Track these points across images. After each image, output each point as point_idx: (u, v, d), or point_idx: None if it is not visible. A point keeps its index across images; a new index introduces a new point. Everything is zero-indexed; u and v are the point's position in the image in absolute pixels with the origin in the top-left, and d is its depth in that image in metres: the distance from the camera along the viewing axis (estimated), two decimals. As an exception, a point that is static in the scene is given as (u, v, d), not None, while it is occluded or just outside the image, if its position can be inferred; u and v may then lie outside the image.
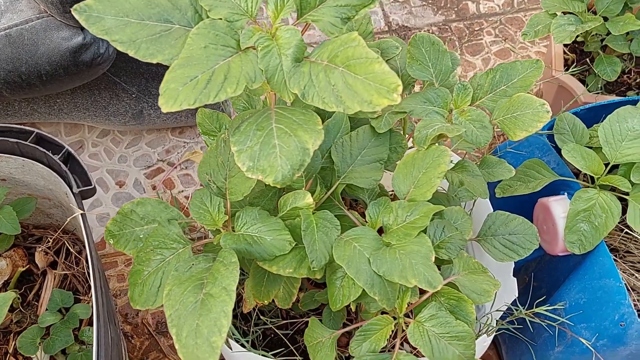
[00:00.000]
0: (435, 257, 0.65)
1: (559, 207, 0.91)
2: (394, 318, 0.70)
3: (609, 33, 1.10)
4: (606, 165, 0.91)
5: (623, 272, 0.96)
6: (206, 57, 0.54)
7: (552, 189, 0.96)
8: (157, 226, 0.68)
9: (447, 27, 1.70)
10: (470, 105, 0.74)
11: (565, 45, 1.32)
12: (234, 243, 0.65)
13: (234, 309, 1.01)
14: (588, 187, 0.90)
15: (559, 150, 0.95)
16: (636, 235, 0.95)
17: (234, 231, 0.68)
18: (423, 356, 0.67)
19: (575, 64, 1.29)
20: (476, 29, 1.71)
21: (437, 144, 0.68)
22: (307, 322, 0.94)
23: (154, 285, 0.66)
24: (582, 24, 1.07)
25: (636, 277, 0.96)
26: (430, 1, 1.75)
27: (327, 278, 0.67)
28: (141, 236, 0.70)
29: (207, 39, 0.55)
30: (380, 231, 0.70)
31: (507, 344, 1.15)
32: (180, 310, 0.60)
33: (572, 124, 0.95)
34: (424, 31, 1.69)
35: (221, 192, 0.67)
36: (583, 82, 1.26)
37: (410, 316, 0.72)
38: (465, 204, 1.01)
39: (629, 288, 0.97)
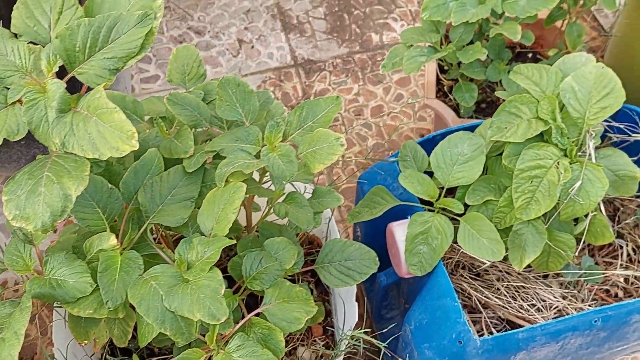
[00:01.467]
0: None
1: (400, 230, 0.94)
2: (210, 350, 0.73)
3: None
4: (442, 189, 0.95)
5: (475, 290, 1.00)
6: (-29, 114, 0.57)
7: (405, 214, 1.00)
8: (-29, 274, 0.70)
9: (350, 58, 1.76)
10: (282, 141, 0.78)
11: (442, 73, 1.37)
12: (39, 287, 0.68)
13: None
14: (426, 210, 0.94)
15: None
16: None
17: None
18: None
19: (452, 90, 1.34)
20: (379, 59, 1.77)
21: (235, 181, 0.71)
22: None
23: (-36, 331, 0.68)
24: (434, 54, 1.12)
25: (487, 294, 0.99)
26: (335, 35, 1.80)
27: (137, 316, 0.70)
28: (-41, 284, 0.72)
29: (-27, 96, 0.58)
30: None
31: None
32: (-24, 356, 0.62)
33: (414, 151, 0.99)
34: (328, 63, 1.75)
35: (28, 239, 0.69)
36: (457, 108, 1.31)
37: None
38: (327, 229, 1.05)
39: (482, 306, 1.00)
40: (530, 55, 1.41)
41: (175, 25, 1.80)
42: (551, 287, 1.01)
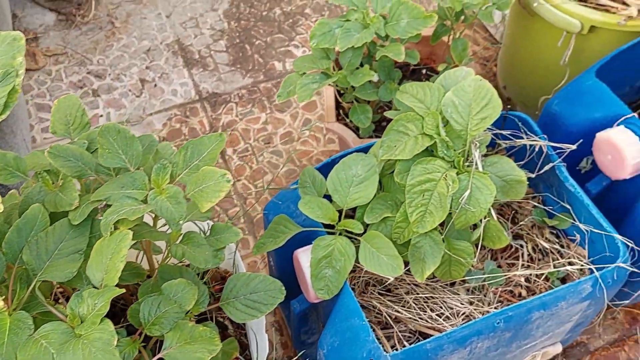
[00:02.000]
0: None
1: (305, 257, 0.95)
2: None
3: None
4: (341, 211, 0.97)
5: (385, 306, 1.02)
6: None
7: (311, 240, 1.01)
8: None
9: (256, 88, 1.77)
10: (170, 182, 0.78)
11: (341, 95, 1.40)
12: None
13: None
14: (329, 234, 0.96)
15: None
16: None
17: None
18: None
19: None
20: (283, 86, 1.78)
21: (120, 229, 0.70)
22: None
23: None
24: (326, 80, 1.14)
25: (397, 309, 1.02)
26: (238, 66, 1.82)
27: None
28: None
29: None
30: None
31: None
32: None
33: (312, 177, 1.01)
34: (234, 95, 1.76)
35: None
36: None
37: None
38: (233, 264, 1.05)
39: (394, 320, 1.02)
40: (424, 71, 1.46)
41: (74, 71, 1.77)
42: (458, 294, 1.04)
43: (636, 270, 1.04)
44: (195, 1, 1.95)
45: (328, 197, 0.99)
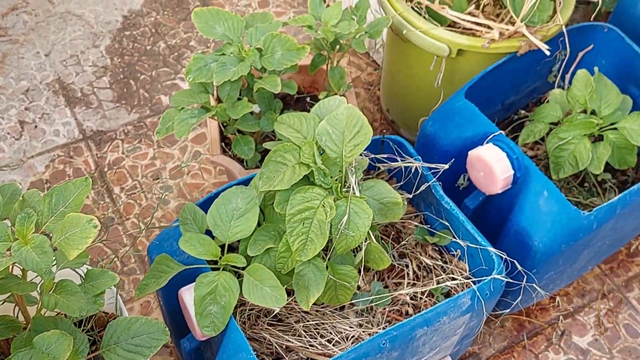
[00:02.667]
0: None
1: (189, 295, 0.94)
2: None
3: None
4: (224, 246, 0.96)
5: (275, 337, 1.02)
6: None
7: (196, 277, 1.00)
8: None
9: (142, 123, 1.74)
10: (35, 232, 0.75)
11: (225, 127, 1.40)
12: None
13: None
14: (212, 270, 0.95)
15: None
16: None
17: None
18: None
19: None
20: (171, 120, 1.76)
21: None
22: None
23: None
24: (205, 114, 1.14)
25: (287, 338, 1.02)
26: (123, 102, 1.78)
27: None
28: None
29: None
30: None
31: None
32: None
33: (193, 213, 1.00)
34: (120, 132, 1.72)
35: None
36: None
37: None
38: (116, 308, 1.02)
39: (285, 350, 1.02)
40: (308, 99, 1.49)
41: (-54, 116, 1.68)
42: (348, 317, 1.06)
43: (511, 280, 1.10)
44: (76, 38, 1.90)
45: (210, 232, 0.99)
